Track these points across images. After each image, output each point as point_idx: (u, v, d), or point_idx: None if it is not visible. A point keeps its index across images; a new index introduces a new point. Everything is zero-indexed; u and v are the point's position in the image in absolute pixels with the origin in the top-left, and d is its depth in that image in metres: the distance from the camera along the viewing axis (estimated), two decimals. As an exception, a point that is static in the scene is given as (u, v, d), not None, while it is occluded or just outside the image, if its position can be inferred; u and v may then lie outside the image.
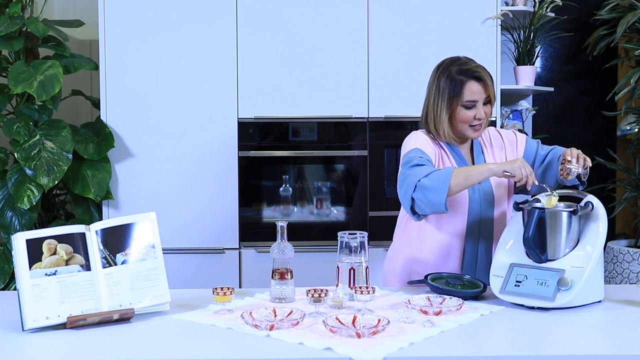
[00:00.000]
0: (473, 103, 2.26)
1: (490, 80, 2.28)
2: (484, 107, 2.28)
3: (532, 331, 1.81)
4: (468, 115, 2.27)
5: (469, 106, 2.26)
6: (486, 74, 2.28)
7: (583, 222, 2.06)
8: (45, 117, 3.38)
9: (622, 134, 4.18)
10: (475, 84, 2.26)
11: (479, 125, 2.29)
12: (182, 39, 3.50)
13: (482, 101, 2.27)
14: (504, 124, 3.89)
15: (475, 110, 2.26)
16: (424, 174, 2.14)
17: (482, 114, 2.27)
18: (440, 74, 2.30)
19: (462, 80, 2.26)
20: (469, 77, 2.26)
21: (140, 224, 1.99)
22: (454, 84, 2.26)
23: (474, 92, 2.26)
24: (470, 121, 2.27)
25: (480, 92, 2.26)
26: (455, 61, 2.31)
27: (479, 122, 2.28)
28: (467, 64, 2.29)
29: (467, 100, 2.26)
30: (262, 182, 3.57)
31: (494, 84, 2.30)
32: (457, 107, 2.27)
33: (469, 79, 2.25)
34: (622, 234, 4.25)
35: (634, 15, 3.70)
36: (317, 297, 1.92)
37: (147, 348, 1.73)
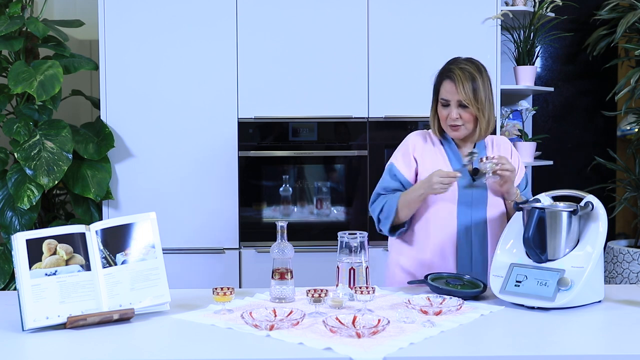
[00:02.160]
0: (446, 102, 2.32)
1: (467, 85, 2.27)
2: (460, 109, 2.30)
3: (532, 331, 1.81)
4: (443, 113, 2.34)
5: (444, 104, 2.33)
6: (463, 77, 2.28)
7: (583, 222, 2.06)
8: (45, 117, 3.38)
9: (622, 134, 4.18)
10: (449, 84, 2.31)
11: (455, 126, 2.32)
12: (182, 39, 3.50)
13: (455, 103, 2.30)
14: (504, 123, 3.89)
15: (448, 109, 2.31)
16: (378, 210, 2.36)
17: (455, 115, 2.30)
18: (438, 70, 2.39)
19: (441, 78, 2.34)
20: (445, 75, 2.32)
21: (140, 224, 1.99)
22: (437, 80, 2.36)
23: (447, 92, 2.31)
24: (445, 119, 2.33)
25: (452, 93, 2.30)
26: (454, 60, 2.37)
27: (453, 123, 2.31)
28: (457, 64, 2.33)
29: (442, 98, 2.33)
30: (262, 182, 3.57)
31: (477, 91, 2.28)
32: (437, 103, 2.35)
33: (445, 77, 2.32)
34: (622, 234, 4.25)
35: (634, 15, 3.70)
36: (317, 297, 1.92)
37: (147, 348, 1.73)
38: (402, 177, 2.38)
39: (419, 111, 3.51)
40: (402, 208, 2.31)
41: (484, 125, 2.33)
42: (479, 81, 2.29)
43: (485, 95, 2.31)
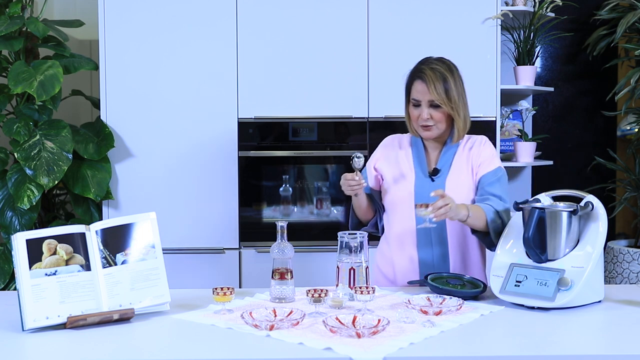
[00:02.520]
0: (417, 102, 2.31)
1: (438, 84, 2.27)
2: (432, 110, 2.30)
3: (532, 331, 1.81)
4: (414, 114, 2.34)
5: (415, 104, 2.33)
6: (434, 77, 2.27)
7: (583, 222, 2.06)
8: (45, 117, 3.38)
9: (622, 134, 4.18)
10: (419, 84, 2.30)
11: (427, 126, 2.32)
12: (182, 39, 3.50)
13: (427, 103, 2.29)
14: (504, 123, 3.89)
15: (419, 109, 2.31)
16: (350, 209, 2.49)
17: (426, 115, 2.30)
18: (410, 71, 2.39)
19: (412, 78, 2.34)
20: (416, 75, 2.32)
21: (140, 224, 1.99)
22: (407, 80, 2.36)
23: (417, 92, 2.31)
24: (416, 120, 2.33)
25: (422, 93, 2.29)
26: (425, 60, 2.36)
27: (425, 123, 2.31)
28: (428, 64, 2.32)
29: (413, 99, 2.33)
30: (262, 182, 3.57)
31: (449, 91, 2.28)
32: (409, 103, 2.35)
33: (415, 78, 2.32)
34: (622, 234, 4.25)
35: (634, 15, 3.70)
36: (317, 297, 1.92)
37: (147, 348, 1.73)
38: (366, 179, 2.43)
39: (419, 111, 3.50)
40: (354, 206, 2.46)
41: (461, 125, 2.34)
42: (450, 81, 2.29)
43: (458, 94, 2.31)
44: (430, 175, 2.35)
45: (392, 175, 2.39)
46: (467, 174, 2.36)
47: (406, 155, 2.41)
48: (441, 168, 2.36)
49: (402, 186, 2.36)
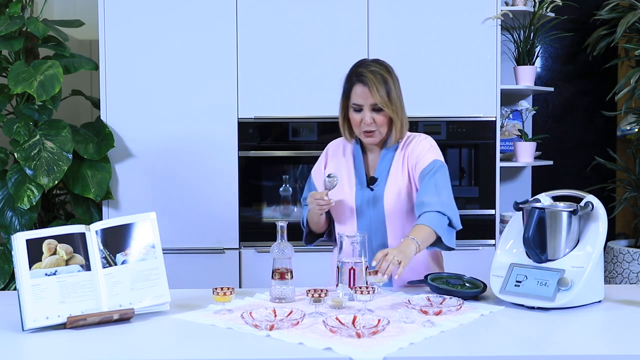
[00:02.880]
0: (359, 107, 2.25)
1: (380, 87, 2.22)
2: (374, 114, 2.25)
3: (532, 331, 1.81)
4: (356, 119, 2.27)
5: (356, 109, 2.26)
6: (375, 80, 2.22)
7: (583, 222, 2.06)
8: (45, 117, 3.38)
9: (622, 134, 4.18)
10: (361, 88, 2.24)
11: (370, 131, 2.26)
12: (182, 39, 3.50)
13: (369, 107, 2.24)
14: (504, 124, 3.89)
15: (361, 114, 2.25)
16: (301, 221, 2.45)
17: (369, 119, 2.24)
18: (346, 74, 2.32)
19: (352, 83, 2.27)
20: (357, 79, 2.25)
21: (140, 224, 1.99)
22: (347, 85, 2.29)
23: (359, 96, 2.24)
24: (359, 125, 2.27)
25: (366, 97, 2.23)
26: (362, 63, 2.31)
27: (368, 128, 2.26)
28: (367, 67, 2.26)
29: (353, 103, 2.26)
30: (262, 182, 3.57)
31: (391, 93, 2.24)
32: (349, 108, 2.29)
33: (357, 81, 2.25)
34: (622, 234, 4.25)
35: (634, 15, 3.70)
36: (317, 297, 1.92)
37: (147, 348, 1.73)
38: (315, 189, 2.39)
39: (419, 111, 3.51)
40: (310, 222, 2.39)
41: (399, 127, 2.29)
42: (390, 83, 2.25)
43: (397, 96, 2.28)
44: (368, 184, 2.31)
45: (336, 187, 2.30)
46: (403, 179, 2.30)
47: (347, 163, 2.36)
48: (379, 176, 2.30)
49: (343, 196, 2.31)
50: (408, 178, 2.30)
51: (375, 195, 2.29)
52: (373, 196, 2.29)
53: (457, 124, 3.54)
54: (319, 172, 2.42)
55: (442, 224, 2.20)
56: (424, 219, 2.18)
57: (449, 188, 2.28)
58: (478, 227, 3.54)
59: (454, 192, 2.32)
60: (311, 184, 2.44)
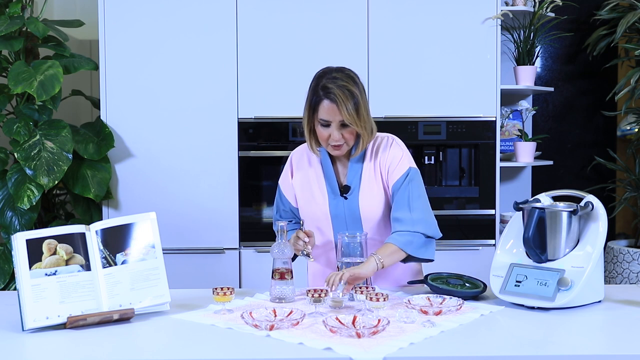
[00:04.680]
0: (327, 122, 2.15)
1: (348, 104, 2.12)
2: (342, 129, 2.15)
3: (532, 331, 1.81)
4: (323, 134, 2.17)
5: (324, 124, 2.16)
6: (344, 97, 2.12)
7: (583, 222, 2.06)
8: (45, 117, 3.38)
9: (622, 134, 4.18)
10: (330, 105, 2.13)
11: (337, 145, 2.19)
12: (182, 39, 3.50)
13: (338, 123, 2.15)
14: (504, 124, 3.89)
15: (329, 130, 2.16)
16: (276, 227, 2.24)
17: (337, 136, 2.15)
18: (311, 84, 2.22)
19: (319, 98, 2.15)
20: (325, 95, 2.14)
21: (140, 224, 1.99)
22: (313, 98, 2.18)
23: (328, 113, 2.14)
24: (326, 140, 2.18)
25: (333, 114, 2.14)
26: (327, 73, 2.20)
27: (336, 143, 2.18)
28: (333, 80, 2.15)
29: (321, 119, 2.16)
30: (262, 182, 3.57)
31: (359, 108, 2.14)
32: (316, 122, 2.19)
33: (325, 97, 2.14)
34: (622, 234, 4.25)
35: (634, 15, 3.70)
36: (317, 297, 1.92)
37: (147, 348, 1.73)
38: (287, 203, 2.35)
39: (419, 111, 3.51)
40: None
41: (366, 139, 2.21)
42: (357, 95, 2.15)
43: (365, 108, 2.17)
44: (341, 193, 2.26)
45: (304, 195, 2.30)
46: (378, 186, 2.25)
47: (315, 173, 2.30)
48: (351, 184, 2.25)
49: (316, 208, 2.27)
50: (381, 185, 2.26)
51: (351, 204, 2.24)
52: (348, 204, 2.24)
53: (457, 124, 3.54)
54: (287, 184, 2.34)
55: (414, 242, 2.16)
56: (393, 238, 2.15)
57: (423, 197, 2.23)
58: (478, 227, 3.54)
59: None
60: (281, 195, 2.37)
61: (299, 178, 2.32)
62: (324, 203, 2.26)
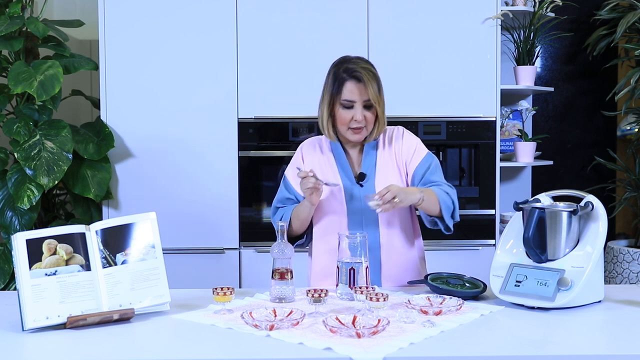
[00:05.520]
0: (350, 103, 2.22)
1: (373, 84, 2.22)
2: (365, 110, 2.23)
3: (532, 331, 1.81)
4: (345, 116, 2.23)
5: (347, 106, 2.23)
6: (369, 77, 2.22)
7: (583, 222, 2.06)
8: (45, 117, 3.38)
9: (622, 134, 4.18)
10: (355, 85, 2.22)
11: (359, 128, 2.24)
12: (182, 39, 3.50)
13: (362, 103, 2.22)
14: (504, 124, 3.89)
15: (352, 111, 2.22)
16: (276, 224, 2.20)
17: (360, 116, 2.22)
18: (330, 71, 2.30)
19: (343, 79, 2.23)
20: (349, 76, 2.22)
21: (140, 224, 1.99)
22: (336, 81, 2.25)
23: (352, 92, 2.22)
24: (347, 122, 2.23)
25: (359, 94, 2.21)
26: (346, 59, 2.28)
27: (358, 125, 2.23)
28: (354, 63, 2.25)
29: (345, 100, 2.22)
30: (262, 182, 3.57)
31: (380, 90, 2.24)
32: (337, 106, 2.25)
33: (349, 78, 2.22)
34: (622, 234, 4.25)
35: (634, 15, 3.70)
36: (317, 297, 1.92)
37: (147, 348, 1.73)
38: (293, 190, 2.35)
39: (419, 111, 3.51)
40: (293, 220, 2.30)
41: (381, 125, 2.27)
42: (379, 78, 2.25)
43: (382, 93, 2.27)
44: (357, 181, 2.29)
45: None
46: (395, 173, 2.30)
47: (328, 161, 2.33)
48: (367, 172, 2.29)
49: (331, 196, 2.28)
50: (399, 173, 2.30)
51: (366, 192, 2.27)
52: (364, 192, 2.27)
53: (457, 124, 3.54)
54: (295, 173, 2.32)
55: (447, 202, 2.23)
56: (436, 190, 2.22)
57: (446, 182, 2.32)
58: (478, 227, 3.55)
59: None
60: (287, 184, 2.37)
61: (314, 165, 2.32)
62: (339, 191, 2.28)
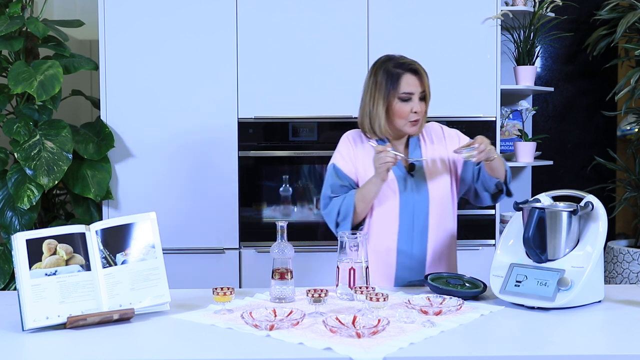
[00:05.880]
0: (409, 96, 2.30)
1: (426, 76, 2.33)
2: (420, 102, 2.31)
3: (532, 331, 1.81)
4: (404, 109, 2.30)
5: (405, 98, 2.30)
6: (422, 69, 2.33)
7: (583, 222, 2.06)
8: (45, 117, 3.38)
9: (622, 134, 4.18)
10: (412, 77, 2.30)
11: (416, 120, 2.32)
12: (182, 39, 3.50)
13: (418, 95, 2.31)
14: (504, 124, 3.89)
15: (411, 103, 2.30)
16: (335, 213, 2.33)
17: (419, 108, 2.30)
18: (377, 70, 2.35)
19: (398, 73, 2.31)
20: (405, 69, 2.31)
21: (140, 224, 1.99)
22: (391, 77, 2.31)
23: (410, 85, 2.30)
24: (406, 115, 2.30)
25: (416, 85, 2.30)
26: (391, 58, 2.36)
27: (416, 117, 2.31)
28: (403, 59, 2.35)
29: (404, 92, 2.29)
30: (262, 182, 3.57)
31: (429, 81, 2.34)
32: (394, 100, 2.31)
33: (405, 71, 2.30)
34: (622, 234, 4.25)
35: (634, 15, 3.70)
36: (317, 297, 1.92)
37: (147, 348, 1.73)
38: (346, 177, 2.37)
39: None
40: (358, 203, 2.31)
41: (425, 120, 2.38)
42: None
43: None
44: (408, 171, 2.36)
45: (368, 173, 2.33)
46: (442, 164, 2.38)
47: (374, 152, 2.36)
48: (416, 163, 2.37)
49: (385, 185, 2.31)
50: (447, 164, 2.38)
51: (417, 181, 2.34)
52: (415, 182, 2.34)
53: (457, 124, 3.53)
54: (346, 159, 2.38)
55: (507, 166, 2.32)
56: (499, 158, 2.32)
57: None
58: (478, 227, 3.55)
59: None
60: (339, 172, 2.38)
61: (361, 156, 2.38)
62: (392, 180, 2.33)
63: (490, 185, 2.35)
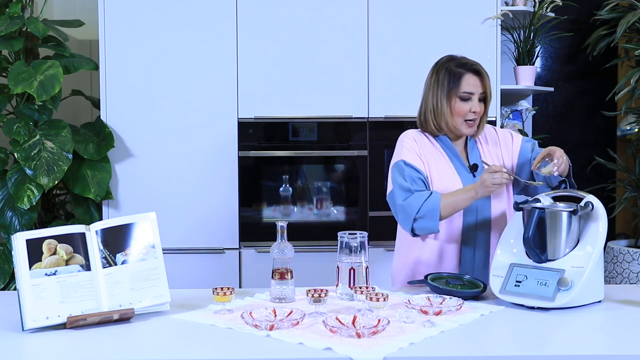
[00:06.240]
0: (469, 95, 2.32)
1: (487, 78, 2.35)
2: (479, 103, 2.34)
3: (532, 331, 1.81)
4: (464, 108, 2.32)
5: (465, 98, 2.32)
6: (484, 71, 2.35)
7: (583, 222, 2.06)
8: (45, 117, 3.39)
9: (622, 134, 4.18)
10: (473, 77, 2.33)
11: (473, 120, 2.34)
12: (182, 38, 3.50)
13: (478, 96, 2.33)
14: (504, 124, 3.89)
15: (471, 103, 2.32)
16: (417, 208, 2.25)
17: (478, 108, 2.33)
18: (439, 69, 2.38)
19: (460, 73, 2.33)
20: (467, 69, 2.33)
21: (140, 224, 1.99)
22: (452, 76, 2.34)
23: (471, 85, 2.32)
24: (465, 114, 2.32)
25: (477, 86, 2.33)
26: (453, 58, 2.39)
27: (474, 117, 2.34)
28: (465, 59, 2.38)
29: (464, 92, 2.32)
30: (262, 182, 3.57)
31: (490, 83, 2.37)
32: (454, 98, 2.33)
33: (467, 71, 2.33)
34: (622, 234, 4.25)
35: (634, 15, 3.70)
36: (317, 297, 1.92)
37: (147, 348, 1.73)
38: (418, 170, 2.33)
39: (419, 111, 3.50)
40: (445, 208, 2.24)
41: (485, 121, 2.40)
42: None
43: None
44: (470, 171, 2.38)
45: (437, 169, 2.36)
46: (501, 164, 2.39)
47: (440, 152, 2.40)
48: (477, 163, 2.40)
49: (450, 184, 2.33)
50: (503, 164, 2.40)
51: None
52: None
53: (457, 124, 3.54)
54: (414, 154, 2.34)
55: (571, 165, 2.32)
56: None
57: None
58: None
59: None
60: (413, 166, 2.33)
61: (426, 154, 2.38)
62: (457, 179, 2.35)
63: (554, 182, 2.37)
